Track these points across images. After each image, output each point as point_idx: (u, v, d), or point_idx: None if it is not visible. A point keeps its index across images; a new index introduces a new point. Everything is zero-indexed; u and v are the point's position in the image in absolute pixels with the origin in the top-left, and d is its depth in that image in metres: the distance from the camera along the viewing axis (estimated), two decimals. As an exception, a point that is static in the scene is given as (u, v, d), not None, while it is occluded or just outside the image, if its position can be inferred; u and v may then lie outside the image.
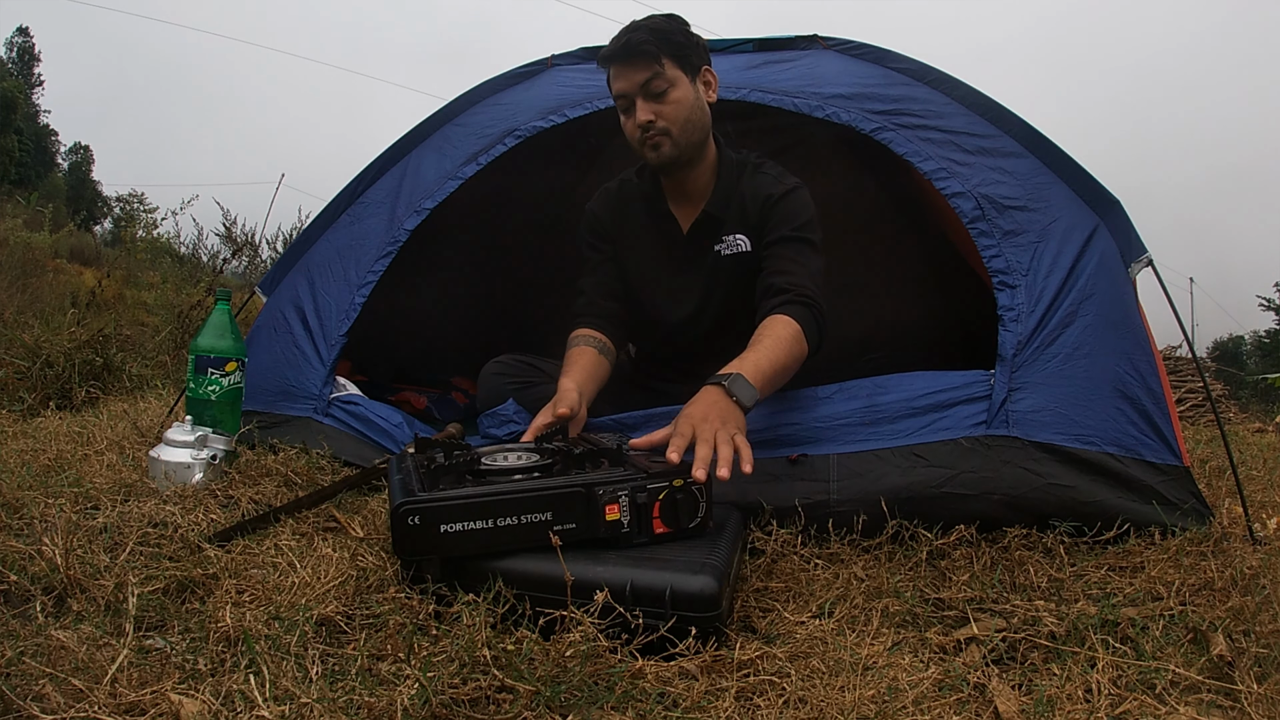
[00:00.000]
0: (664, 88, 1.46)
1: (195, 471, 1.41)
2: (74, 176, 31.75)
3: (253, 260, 6.88)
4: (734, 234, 1.58)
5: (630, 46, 1.45)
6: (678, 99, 1.47)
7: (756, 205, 1.57)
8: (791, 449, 1.35)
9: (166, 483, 1.38)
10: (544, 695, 0.74)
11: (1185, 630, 0.94)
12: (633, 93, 1.47)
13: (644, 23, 1.48)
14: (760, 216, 1.56)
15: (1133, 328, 1.40)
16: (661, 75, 1.45)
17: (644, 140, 1.49)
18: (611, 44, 1.48)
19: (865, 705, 0.76)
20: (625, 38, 1.46)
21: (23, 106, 27.18)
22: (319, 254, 1.88)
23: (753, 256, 1.57)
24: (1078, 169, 1.50)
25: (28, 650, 0.78)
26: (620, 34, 1.48)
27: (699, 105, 1.51)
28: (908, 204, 2.51)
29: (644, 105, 1.46)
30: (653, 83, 1.45)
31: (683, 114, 1.48)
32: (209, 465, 1.43)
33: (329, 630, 0.91)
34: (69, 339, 2.61)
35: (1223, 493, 1.60)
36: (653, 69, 1.45)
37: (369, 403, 1.72)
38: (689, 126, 1.49)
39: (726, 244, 1.58)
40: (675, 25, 1.49)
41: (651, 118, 1.46)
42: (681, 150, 1.50)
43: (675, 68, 1.47)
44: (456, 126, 1.91)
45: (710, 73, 1.55)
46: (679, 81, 1.47)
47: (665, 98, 1.47)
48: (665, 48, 1.46)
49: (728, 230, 1.58)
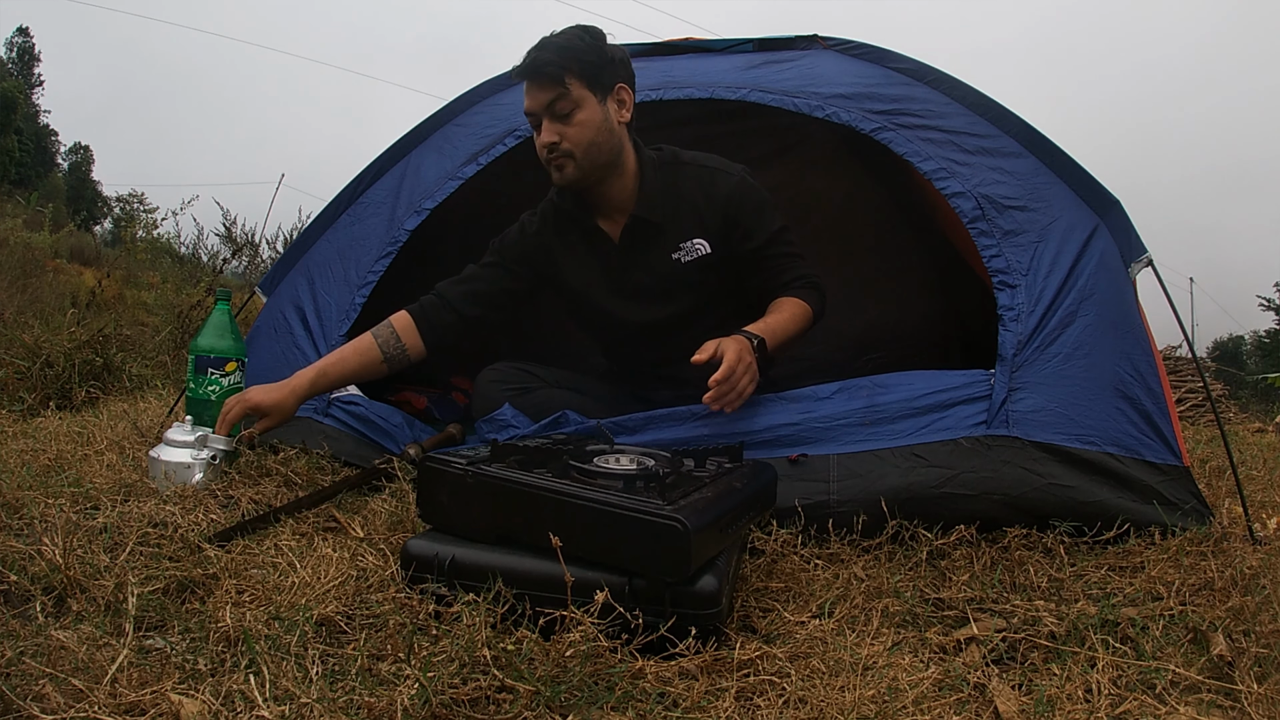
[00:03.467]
0: (569, 109, 1.44)
1: (195, 471, 1.41)
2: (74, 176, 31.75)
3: (253, 260, 6.88)
4: (690, 239, 1.56)
5: (535, 66, 1.43)
6: (582, 120, 1.44)
7: (714, 206, 1.54)
8: (791, 449, 1.35)
9: (166, 483, 1.38)
10: (544, 695, 0.75)
11: (1185, 630, 0.94)
12: (539, 112, 1.45)
13: (553, 40, 1.45)
14: (723, 221, 1.55)
15: (1133, 328, 1.40)
16: (566, 96, 1.43)
17: (548, 160, 1.48)
18: (521, 61, 1.46)
19: (865, 705, 0.76)
20: (532, 56, 1.44)
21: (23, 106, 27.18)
22: (319, 254, 1.88)
23: (714, 258, 1.56)
24: (1078, 169, 1.50)
25: (28, 650, 0.78)
26: (529, 51, 1.45)
27: (606, 127, 1.47)
28: (908, 204, 2.51)
29: (549, 126, 1.45)
30: (557, 104, 1.43)
31: (587, 136, 1.45)
32: (209, 465, 1.43)
33: (329, 630, 0.91)
34: (69, 339, 2.61)
35: (1223, 493, 1.60)
36: (557, 90, 1.42)
37: (369, 403, 1.72)
38: (593, 149, 1.47)
39: (685, 250, 1.56)
40: (587, 43, 1.45)
41: (556, 139, 1.45)
42: (585, 173, 1.49)
43: (583, 88, 1.44)
44: (457, 126, 1.91)
45: (625, 90, 1.51)
46: (585, 102, 1.44)
47: (570, 119, 1.44)
48: (573, 67, 1.43)
49: (682, 236, 1.56)
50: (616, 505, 0.89)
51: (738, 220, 1.54)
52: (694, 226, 1.55)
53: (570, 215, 1.61)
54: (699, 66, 1.86)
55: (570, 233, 1.63)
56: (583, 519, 0.91)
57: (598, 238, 1.60)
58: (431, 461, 1.02)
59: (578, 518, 0.91)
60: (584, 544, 0.89)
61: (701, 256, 1.56)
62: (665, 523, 0.86)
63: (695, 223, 1.55)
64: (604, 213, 1.59)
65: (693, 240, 1.55)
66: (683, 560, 0.85)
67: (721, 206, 1.54)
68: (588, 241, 1.62)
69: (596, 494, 0.92)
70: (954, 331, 2.49)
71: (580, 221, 1.60)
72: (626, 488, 0.96)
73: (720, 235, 1.55)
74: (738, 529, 1.02)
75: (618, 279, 1.61)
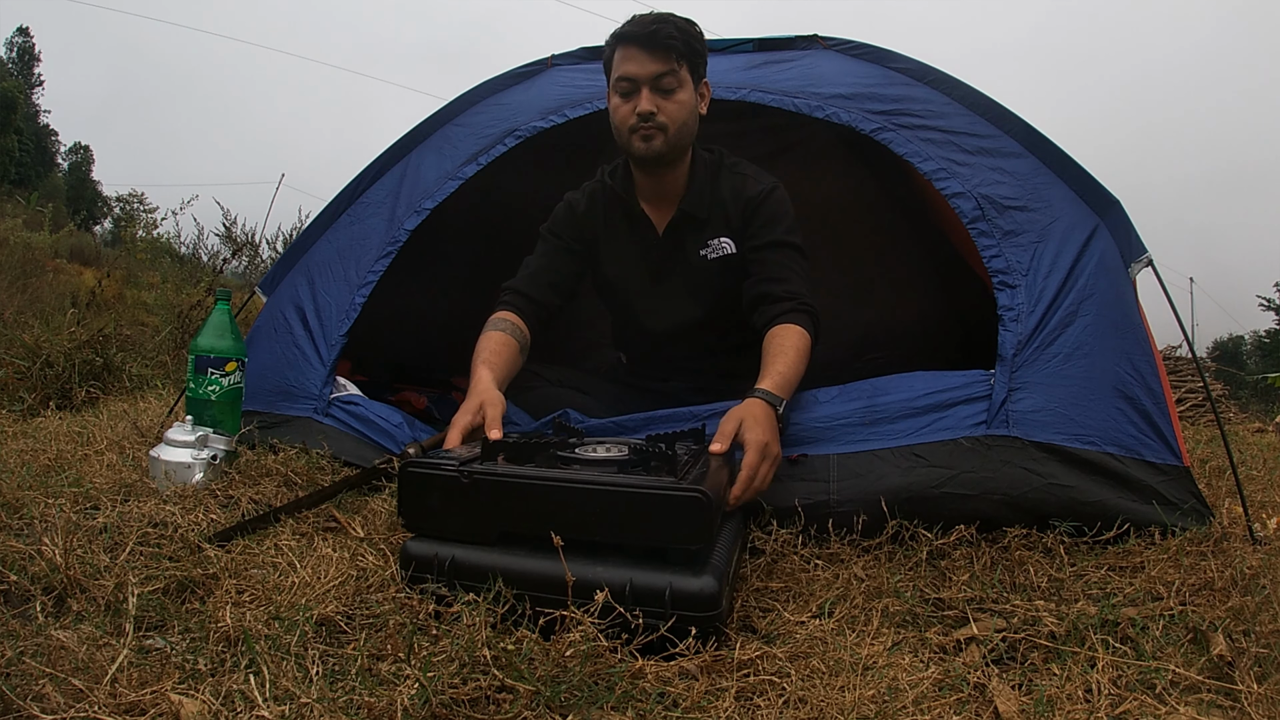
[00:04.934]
0: (674, 86, 1.48)
1: (195, 471, 1.41)
2: (74, 176, 31.76)
3: (253, 260, 6.88)
4: (718, 237, 1.58)
5: (657, 37, 1.45)
6: (682, 100, 1.49)
7: (738, 207, 1.57)
8: (791, 449, 1.35)
9: (166, 483, 1.38)
10: (544, 695, 0.74)
11: (1185, 630, 0.94)
12: (643, 80, 1.47)
13: (672, 18, 1.49)
14: (743, 218, 1.57)
15: (1133, 328, 1.40)
16: (675, 74, 1.47)
17: (636, 128, 1.49)
18: (634, 26, 1.48)
19: (865, 705, 0.76)
20: (654, 26, 1.46)
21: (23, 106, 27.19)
22: (319, 254, 1.88)
23: (737, 258, 1.58)
24: (1078, 169, 1.50)
25: (28, 650, 0.78)
26: (645, 19, 1.48)
27: (695, 111, 1.54)
28: (907, 204, 2.51)
29: (649, 96, 1.47)
30: (665, 78, 1.47)
31: (681, 116, 1.49)
32: (209, 465, 1.43)
33: (329, 630, 0.91)
34: (69, 339, 2.61)
35: (1223, 493, 1.60)
36: (670, 65, 1.46)
37: (369, 403, 1.72)
38: (684, 130, 1.51)
39: (711, 248, 1.58)
40: (696, 31, 1.51)
41: (654, 109, 1.47)
42: (671, 148, 1.51)
43: (687, 71, 1.49)
44: (456, 126, 1.91)
45: (707, 86, 1.58)
46: (686, 84, 1.50)
47: (673, 96, 1.48)
48: (686, 50, 1.47)
49: (711, 234, 1.58)
50: (639, 486, 0.93)
51: (755, 216, 1.56)
52: (723, 225, 1.59)
53: (618, 197, 1.63)
54: (699, 66, 1.86)
55: (616, 215, 1.65)
56: (604, 504, 0.94)
57: (643, 225, 1.62)
58: (416, 467, 1.01)
59: (598, 503, 0.94)
60: (604, 528, 0.94)
61: (726, 255, 1.58)
62: (689, 496, 0.91)
63: (724, 222, 1.59)
64: (651, 201, 1.62)
65: (720, 238, 1.58)
66: (707, 528, 0.91)
67: (745, 205, 1.57)
68: (631, 226, 1.64)
69: (618, 478, 0.95)
70: (954, 332, 2.49)
71: (628, 205, 1.62)
72: (628, 470, 1.00)
73: (740, 234, 1.58)
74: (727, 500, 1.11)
75: (654, 269, 1.64)
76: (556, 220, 1.67)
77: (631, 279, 1.65)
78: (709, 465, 1.06)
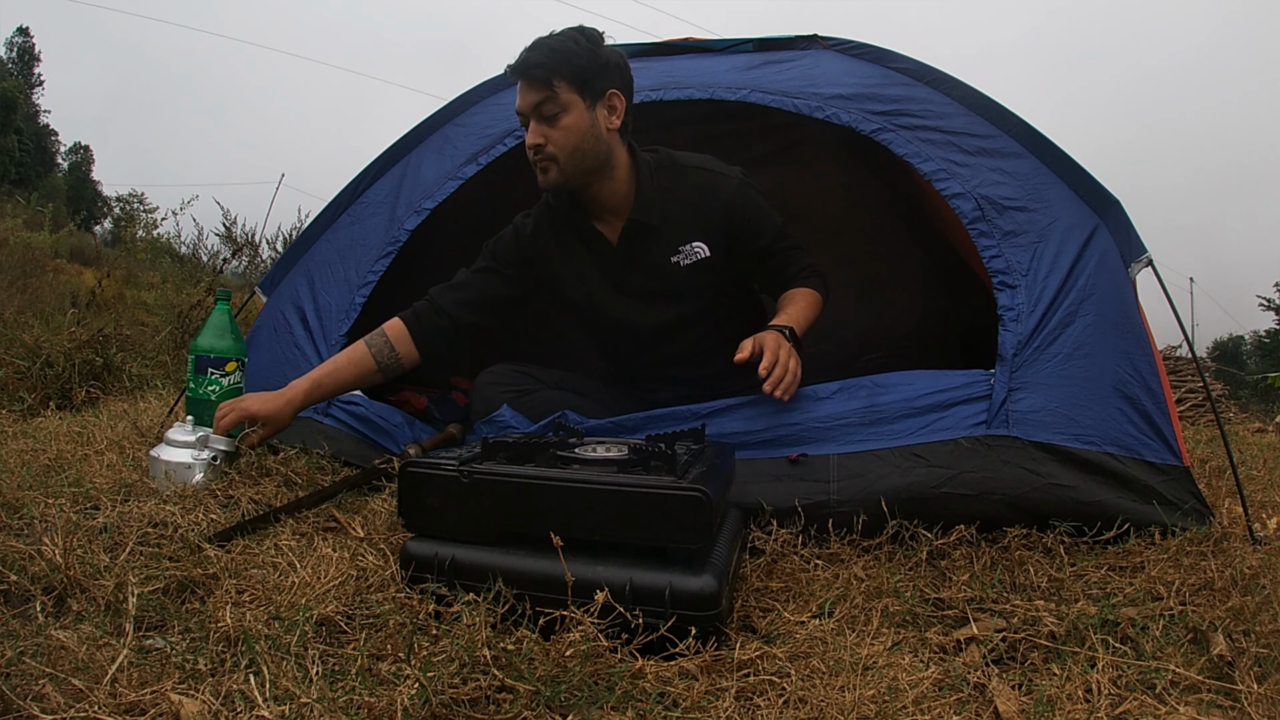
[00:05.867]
0: (555, 112, 1.42)
1: (196, 472, 1.41)
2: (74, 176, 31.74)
3: (253, 260, 6.88)
4: (690, 242, 1.55)
5: (525, 67, 1.42)
6: (568, 125, 1.43)
7: (716, 213, 1.54)
8: (791, 449, 1.35)
9: (167, 482, 1.38)
10: (544, 695, 0.75)
11: (1185, 630, 0.94)
12: (525, 112, 1.44)
13: (546, 41, 1.44)
14: (726, 225, 1.54)
15: (1133, 328, 1.40)
16: (554, 99, 1.41)
17: (534, 162, 1.47)
18: (514, 60, 1.45)
19: (865, 705, 0.76)
20: (524, 56, 1.43)
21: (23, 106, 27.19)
22: (319, 254, 1.88)
23: (714, 260, 1.56)
24: (1078, 169, 1.50)
25: (28, 650, 0.78)
26: (522, 50, 1.44)
27: (593, 133, 1.45)
28: (907, 204, 2.51)
29: (535, 128, 1.44)
30: (544, 106, 1.42)
31: (572, 141, 1.44)
32: (210, 466, 1.43)
33: (329, 630, 0.91)
34: (69, 339, 2.61)
35: (1223, 493, 1.60)
36: (544, 92, 1.41)
37: (369, 403, 1.72)
38: (577, 154, 1.45)
39: (684, 254, 1.55)
40: (581, 46, 1.43)
41: (541, 141, 1.44)
42: (568, 177, 1.47)
43: (571, 92, 1.42)
44: (456, 126, 1.91)
45: (618, 96, 1.49)
46: (573, 107, 1.43)
47: (556, 122, 1.43)
48: (563, 70, 1.41)
49: (682, 239, 1.55)
50: (639, 485, 0.93)
51: (744, 222, 1.55)
52: (693, 230, 1.55)
53: (566, 217, 1.60)
54: (699, 66, 1.86)
55: (567, 235, 1.62)
56: (604, 503, 0.94)
57: (595, 240, 1.59)
58: (416, 467, 1.01)
59: (598, 503, 0.94)
60: (604, 527, 0.94)
61: (700, 260, 1.55)
62: (689, 495, 0.91)
63: (695, 226, 1.55)
64: (599, 215, 1.58)
65: (692, 244, 1.55)
66: (707, 526, 0.91)
67: (724, 210, 1.54)
68: (585, 244, 1.61)
69: (618, 477, 0.95)
70: (954, 331, 2.49)
71: (576, 224, 1.59)
72: (628, 469, 1.00)
73: (722, 238, 1.55)
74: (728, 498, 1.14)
75: (617, 281, 1.61)
76: (499, 242, 1.65)
77: (595, 294, 1.62)
78: (705, 465, 1.06)
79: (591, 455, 1.07)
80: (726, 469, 1.15)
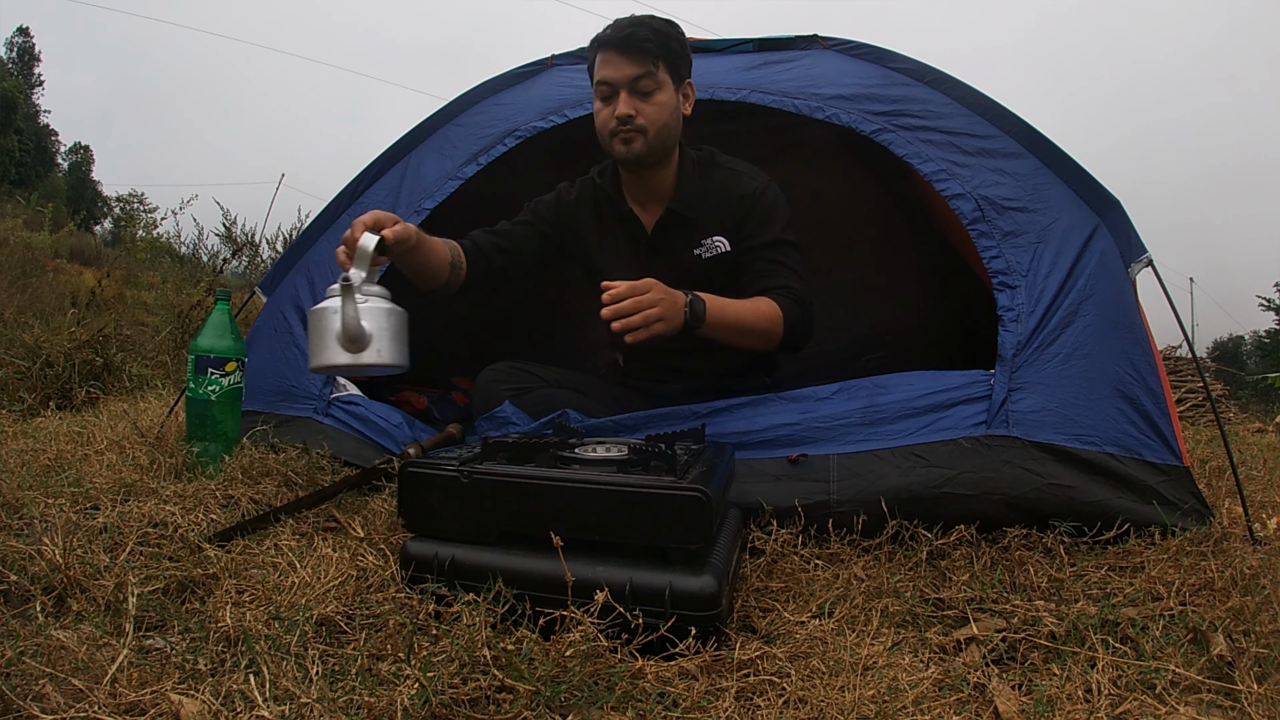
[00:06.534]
0: (652, 88, 1.49)
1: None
2: (74, 176, 31.76)
3: (253, 260, 6.88)
4: (711, 236, 1.58)
5: (632, 40, 1.46)
6: (661, 102, 1.50)
7: (732, 205, 1.57)
8: (791, 449, 1.35)
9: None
10: (544, 695, 0.74)
11: (1185, 630, 0.94)
12: (620, 84, 1.48)
13: (648, 20, 1.50)
14: (738, 216, 1.57)
15: (1133, 328, 1.40)
16: (653, 76, 1.48)
17: (616, 132, 1.50)
18: (611, 30, 1.49)
19: (865, 705, 0.76)
20: (629, 30, 1.47)
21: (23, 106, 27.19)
22: (319, 254, 1.88)
23: (731, 256, 1.58)
24: (1078, 169, 1.50)
25: (28, 650, 0.78)
26: (622, 23, 1.49)
27: (676, 113, 1.54)
28: (907, 204, 2.51)
29: (628, 99, 1.48)
30: (642, 81, 1.48)
31: (662, 117, 1.50)
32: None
33: (329, 630, 0.91)
34: (69, 339, 2.61)
35: (1223, 493, 1.60)
36: (646, 67, 1.47)
37: (369, 403, 1.72)
38: (664, 131, 1.52)
39: (705, 247, 1.59)
40: (675, 33, 1.52)
41: (632, 113, 1.48)
42: (651, 150, 1.52)
43: (665, 73, 1.50)
44: (456, 126, 1.91)
45: (691, 86, 1.58)
46: (665, 86, 1.50)
47: (651, 98, 1.49)
48: (663, 51, 1.48)
49: (704, 233, 1.58)
50: (639, 485, 0.93)
51: (751, 213, 1.57)
52: (716, 224, 1.59)
53: (609, 196, 1.64)
54: (699, 66, 1.85)
55: (606, 214, 1.66)
56: (604, 503, 0.94)
57: (632, 224, 1.63)
58: (416, 467, 1.02)
59: (598, 503, 0.94)
60: (604, 527, 0.94)
61: (720, 254, 1.58)
62: (689, 495, 0.91)
63: (717, 220, 1.59)
64: (640, 201, 1.63)
65: (714, 237, 1.59)
66: (707, 526, 0.91)
67: (739, 203, 1.57)
68: (622, 225, 1.65)
69: (618, 477, 0.96)
70: (954, 331, 2.49)
71: (616, 204, 1.63)
72: (628, 469, 1.01)
73: (735, 232, 1.58)
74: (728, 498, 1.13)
75: (644, 268, 1.62)
76: (541, 202, 1.70)
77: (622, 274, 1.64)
78: (705, 465, 1.06)
79: (591, 455, 1.08)
80: (726, 469, 1.15)
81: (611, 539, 0.94)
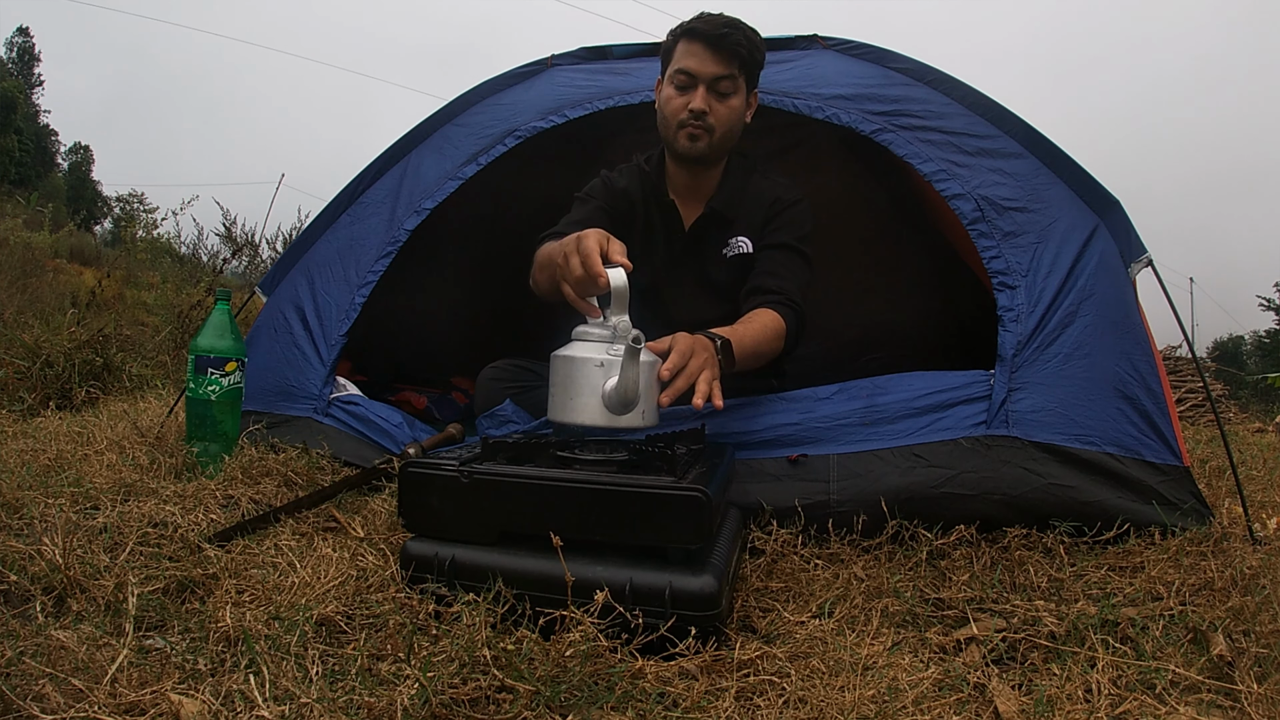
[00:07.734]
0: (730, 90, 1.51)
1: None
2: (74, 176, 31.76)
3: (253, 260, 6.88)
4: (738, 237, 1.60)
5: (725, 41, 1.47)
6: (734, 106, 1.52)
7: (763, 208, 1.59)
8: (791, 449, 1.35)
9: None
10: (544, 695, 0.75)
11: (1185, 630, 0.94)
12: (702, 78, 1.49)
13: (743, 25, 1.51)
14: (765, 218, 1.59)
15: (1133, 328, 1.40)
16: (734, 79, 1.50)
17: (685, 124, 1.51)
18: (705, 24, 1.49)
19: (865, 705, 0.76)
20: (724, 30, 1.48)
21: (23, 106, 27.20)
22: (319, 254, 1.88)
23: (751, 258, 1.59)
24: (1078, 169, 1.50)
25: (28, 650, 0.78)
26: (719, 20, 1.50)
27: (742, 120, 1.56)
28: (907, 204, 2.50)
29: (705, 95, 1.49)
30: (723, 82, 1.49)
31: (731, 120, 1.53)
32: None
33: (329, 630, 0.91)
34: (69, 339, 2.61)
35: (1223, 493, 1.60)
36: (731, 69, 1.49)
37: (369, 403, 1.72)
38: (729, 134, 1.54)
39: (731, 247, 1.60)
40: (760, 43, 1.53)
41: (706, 109, 1.49)
42: (714, 150, 1.54)
43: (742, 79, 1.52)
44: (456, 126, 1.90)
45: (756, 96, 1.60)
46: (740, 92, 1.53)
47: (726, 100, 1.51)
48: (748, 59, 1.50)
49: (735, 234, 1.60)
50: (639, 485, 0.93)
51: (775, 219, 1.59)
52: (745, 226, 1.61)
53: (654, 186, 1.65)
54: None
55: (651, 203, 1.67)
56: (604, 504, 0.94)
57: (672, 215, 1.64)
58: (416, 467, 1.02)
59: (598, 503, 0.94)
60: (604, 527, 0.94)
61: (742, 254, 1.60)
62: (689, 495, 0.91)
63: (747, 223, 1.61)
64: (682, 195, 1.64)
65: (740, 238, 1.60)
66: (707, 526, 0.91)
67: (770, 206, 1.59)
68: (662, 216, 1.65)
69: (618, 477, 0.96)
70: (953, 332, 2.49)
71: (660, 195, 1.64)
72: (628, 469, 1.01)
73: (759, 233, 1.60)
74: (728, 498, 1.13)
75: (677, 261, 1.65)
76: (593, 188, 1.69)
77: (651, 267, 1.66)
78: (705, 466, 1.06)
79: (591, 455, 1.08)
80: (726, 469, 1.15)
81: (611, 539, 0.94)
